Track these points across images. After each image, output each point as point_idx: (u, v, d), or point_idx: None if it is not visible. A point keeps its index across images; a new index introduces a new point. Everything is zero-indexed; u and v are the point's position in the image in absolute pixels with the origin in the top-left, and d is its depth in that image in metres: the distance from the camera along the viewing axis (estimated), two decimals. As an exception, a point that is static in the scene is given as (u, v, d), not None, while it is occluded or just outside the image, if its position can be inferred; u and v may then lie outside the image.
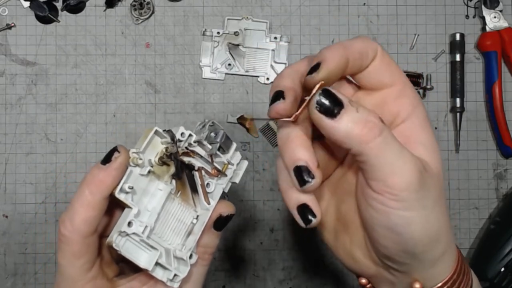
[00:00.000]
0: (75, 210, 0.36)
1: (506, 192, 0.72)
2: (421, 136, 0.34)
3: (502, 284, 0.67)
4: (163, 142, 0.39)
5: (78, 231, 0.36)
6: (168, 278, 0.39)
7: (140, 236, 0.37)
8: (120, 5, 0.72)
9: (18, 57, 0.71)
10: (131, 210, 0.37)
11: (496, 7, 0.71)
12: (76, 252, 0.36)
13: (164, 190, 0.39)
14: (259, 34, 0.71)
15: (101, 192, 0.36)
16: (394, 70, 0.35)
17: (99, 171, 0.36)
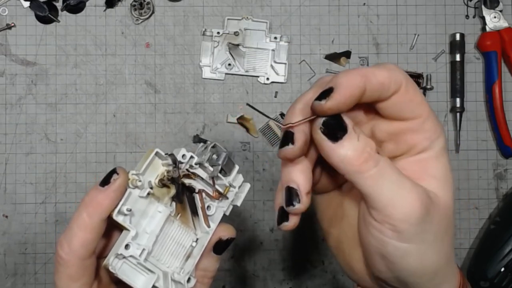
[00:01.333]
0: (73, 233, 0.36)
1: (506, 192, 0.72)
2: (434, 168, 0.34)
3: (502, 284, 0.67)
4: (164, 164, 0.39)
5: (76, 253, 0.36)
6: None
7: (137, 259, 0.37)
8: (120, 5, 0.72)
9: (18, 57, 0.71)
10: (129, 232, 0.37)
11: (496, 7, 0.71)
12: (73, 274, 0.36)
13: (163, 213, 0.39)
14: (259, 34, 0.71)
15: (99, 215, 0.36)
16: (417, 104, 0.33)
17: (98, 193, 0.36)
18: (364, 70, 0.31)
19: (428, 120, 0.33)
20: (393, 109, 0.33)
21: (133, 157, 0.71)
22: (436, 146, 0.33)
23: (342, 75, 0.31)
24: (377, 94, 0.32)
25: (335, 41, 0.72)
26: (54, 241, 0.70)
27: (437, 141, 0.33)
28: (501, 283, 0.67)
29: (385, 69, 0.32)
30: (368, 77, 0.31)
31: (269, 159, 0.71)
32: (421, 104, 0.33)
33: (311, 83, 0.72)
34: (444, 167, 0.34)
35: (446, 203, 0.33)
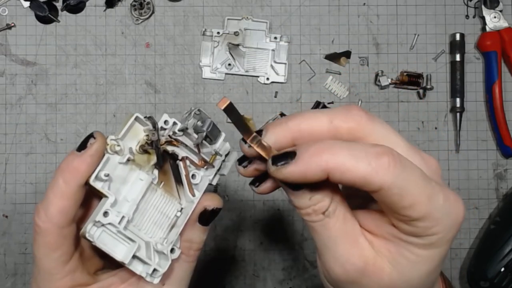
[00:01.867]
0: (49, 200, 0.35)
1: (506, 192, 0.72)
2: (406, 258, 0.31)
3: (502, 284, 0.67)
4: (145, 130, 0.37)
5: (53, 221, 0.34)
6: (147, 272, 0.36)
7: (116, 227, 0.35)
8: (120, 5, 0.72)
9: (18, 57, 0.71)
10: (108, 199, 0.35)
11: (496, 7, 0.71)
12: (52, 243, 0.35)
13: (145, 180, 0.37)
14: (259, 34, 0.71)
15: (75, 181, 0.34)
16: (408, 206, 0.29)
17: (74, 158, 0.34)
18: (330, 158, 0.28)
19: (420, 222, 0.29)
20: (380, 203, 0.31)
21: (133, 157, 0.71)
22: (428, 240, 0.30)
23: (311, 151, 0.29)
24: (347, 183, 0.29)
25: (335, 41, 0.72)
26: (54, 241, 0.70)
27: (428, 238, 0.30)
28: (501, 283, 0.67)
29: (361, 168, 0.28)
30: (332, 170, 0.28)
31: (269, 159, 0.71)
32: (409, 210, 0.29)
33: (311, 83, 0.72)
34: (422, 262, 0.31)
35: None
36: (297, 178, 0.29)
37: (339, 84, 0.72)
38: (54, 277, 0.36)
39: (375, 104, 0.72)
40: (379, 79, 0.71)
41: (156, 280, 0.37)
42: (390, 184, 0.28)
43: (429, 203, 0.29)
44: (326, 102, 0.72)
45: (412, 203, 0.28)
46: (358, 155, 0.28)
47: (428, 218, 0.29)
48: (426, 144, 0.72)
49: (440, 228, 0.29)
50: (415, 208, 0.29)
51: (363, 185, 0.28)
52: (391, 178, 0.28)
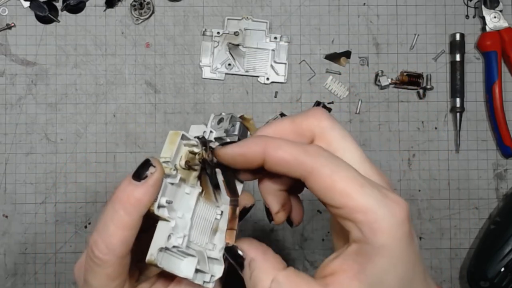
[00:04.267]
0: (110, 232, 0.33)
1: (506, 192, 0.72)
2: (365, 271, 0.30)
3: (502, 284, 0.67)
4: (187, 144, 0.37)
5: (115, 252, 0.34)
6: (204, 280, 0.37)
7: (180, 247, 0.35)
8: (120, 5, 0.72)
9: (18, 57, 0.71)
10: (169, 223, 0.35)
11: (496, 7, 0.71)
12: (112, 273, 0.34)
13: (192, 194, 0.37)
14: (259, 34, 0.71)
15: (138, 212, 0.33)
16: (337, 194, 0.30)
17: (134, 188, 0.33)
18: (270, 140, 0.32)
19: (355, 212, 0.29)
20: (312, 191, 0.31)
21: (133, 157, 0.71)
22: (371, 242, 0.29)
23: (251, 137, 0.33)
24: (281, 169, 0.32)
25: (335, 41, 0.72)
26: (54, 241, 0.70)
27: (373, 237, 0.29)
28: (501, 283, 0.67)
29: (294, 148, 0.31)
30: (268, 148, 0.31)
31: (269, 159, 0.71)
32: (342, 194, 0.29)
33: (311, 83, 0.72)
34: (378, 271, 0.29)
35: None
36: (238, 158, 0.33)
37: (339, 84, 0.72)
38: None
39: (375, 104, 0.72)
40: (379, 79, 0.71)
41: (211, 285, 0.38)
42: (320, 165, 0.30)
43: (362, 190, 0.29)
44: (326, 102, 0.72)
45: (344, 187, 0.29)
46: (294, 143, 0.32)
47: (366, 208, 0.29)
48: (426, 144, 0.72)
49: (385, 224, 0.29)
50: (348, 193, 0.29)
51: (296, 167, 0.30)
52: (323, 160, 0.30)
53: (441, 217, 0.72)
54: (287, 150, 0.31)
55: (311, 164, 0.30)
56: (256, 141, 0.32)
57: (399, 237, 0.29)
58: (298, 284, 0.30)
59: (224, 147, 0.33)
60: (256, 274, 0.31)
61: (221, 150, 0.33)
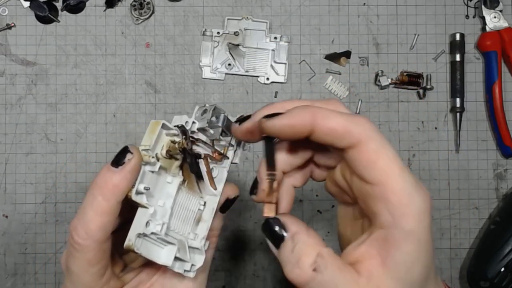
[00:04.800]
0: (89, 218, 0.34)
1: (506, 192, 0.72)
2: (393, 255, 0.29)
3: (502, 284, 0.67)
4: (169, 134, 0.38)
5: (94, 238, 0.34)
6: (185, 269, 0.38)
7: (158, 235, 0.36)
8: (120, 5, 0.72)
9: (18, 57, 0.71)
10: (147, 210, 0.36)
11: (496, 7, 0.71)
12: (92, 259, 0.35)
13: (173, 183, 0.38)
14: (259, 34, 0.71)
15: (115, 197, 0.34)
16: (377, 169, 0.30)
17: (112, 174, 0.34)
18: (318, 110, 0.31)
19: (391, 192, 0.29)
20: (352, 164, 0.31)
21: (133, 157, 0.71)
22: (401, 226, 0.29)
23: (297, 107, 0.32)
24: (328, 139, 0.31)
25: (335, 41, 0.72)
26: (54, 241, 0.70)
27: (402, 220, 0.29)
28: (501, 283, 0.67)
29: (343, 118, 0.31)
30: (317, 118, 0.31)
31: (269, 159, 0.71)
32: (382, 171, 0.30)
33: (311, 83, 0.72)
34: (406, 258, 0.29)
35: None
36: (285, 129, 0.32)
37: (339, 84, 0.72)
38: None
39: (375, 104, 0.72)
40: (379, 79, 0.71)
41: (192, 274, 0.38)
42: (368, 137, 0.30)
43: (401, 173, 0.30)
44: (326, 102, 0.72)
45: (386, 165, 0.30)
46: (341, 112, 0.31)
47: (402, 191, 0.29)
48: (426, 144, 0.72)
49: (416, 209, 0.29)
50: (388, 172, 0.29)
51: (342, 136, 0.30)
52: (370, 132, 0.30)
53: (441, 217, 0.72)
54: (336, 120, 0.31)
55: (358, 136, 0.30)
56: (304, 111, 0.31)
57: (426, 225, 0.30)
58: (338, 263, 0.30)
59: (271, 118, 0.32)
60: (300, 246, 0.31)
61: (268, 121, 0.32)
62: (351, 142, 0.30)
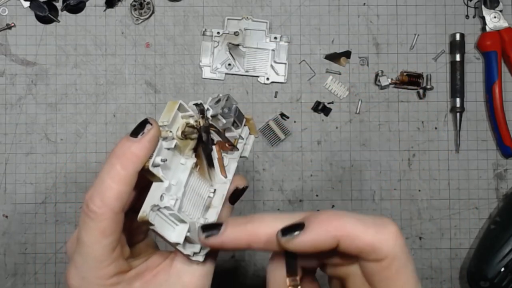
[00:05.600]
0: (106, 186, 0.34)
1: (506, 192, 0.72)
2: None
3: (502, 284, 0.67)
4: (184, 116, 0.38)
5: (110, 207, 0.34)
6: (194, 252, 0.37)
7: (171, 210, 0.35)
8: (120, 5, 0.72)
9: (18, 57, 0.71)
10: (162, 183, 0.35)
11: (496, 7, 0.71)
12: (106, 229, 0.34)
13: (187, 164, 0.38)
14: (259, 34, 0.71)
15: (133, 166, 0.34)
16: (400, 286, 0.30)
17: (131, 143, 0.34)
18: (342, 224, 0.29)
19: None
20: (369, 274, 0.31)
21: (133, 157, 0.71)
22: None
23: (320, 218, 0.30)
24: (354, 254, 0.30)
25: (335, 41, 0.72)
26: (54, 241, 0.70)
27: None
28: (501, 283, 0.67)
29: (371, 234, 0.29)
30: (343, 235, 0.29)
31: (269, 159, 0.71)
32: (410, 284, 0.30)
33: (311, 83, 0.72)
34: None
35: None
36: (308, 247, 0.30)
37: (339, 84, 0.72)
38: (102, 265, 0.35)
39: (375, 104, 0.72)
40: (379, 79, 0.71)
41: (201, 258, 0.37)
42: (394, 255, 0.29)
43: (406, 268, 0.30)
44: (326, 102, 0.72)
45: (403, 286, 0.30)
46: (366, 223, 0.29)
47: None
48: (426, 144, 0.72)
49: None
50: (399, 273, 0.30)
51: (369, 252, 0.29)
52: (397, 250, 0.29)
53: (441, 217, 0.72)
54: (364, 238, 0.29)
55: (386, 254, 0.29)
56: (327, 226, 0.29)
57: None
58: None
59: (291, 237, 0.30)
60: None
61: (288, 242, 0.30)
62: (377, 258, 0.30)
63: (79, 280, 0.35)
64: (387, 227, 0.29)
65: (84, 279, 0.35)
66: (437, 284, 0.72)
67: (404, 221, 0.72)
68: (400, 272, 0.30)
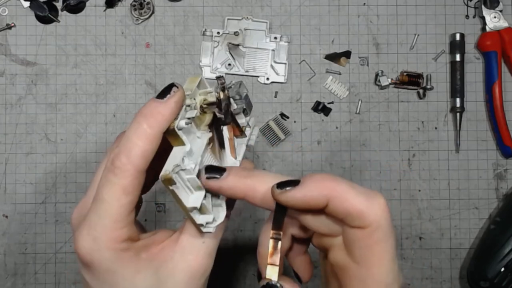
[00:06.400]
0: (132, 143, 0.34)
1: (506, 192, 0.72)
2: None
3: (502, 284, 0.67)
4: (202, 92, 0.38)
5: (135, 164, 0.34)
6: (207, 221, 0.36)
7: (191, 174, 0.35)
8: (120, 5, 0.72)
9: (18, 57, 0.71)
10: (184, 147, 0.35)
11: (496, 7, 0.71)
12: (127, 187, 0.34)
13: (203, 138, 0.38)
14: (259, 34, 0.71)
15: (160, 125, 0.34)
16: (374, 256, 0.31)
17: (158, 104, 0.35)
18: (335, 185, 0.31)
19: (372, 279, 0.31)
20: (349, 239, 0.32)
21: (133, 157, 0.71)
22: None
23: (315, 178, 0.32)
24: (340, 216, 0.32)
25: (335, 41, 0.72)
26: (54, 241, 0.70)
27: None
28: (501, 283, 0.67)
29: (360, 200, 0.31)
30: (334, 195, 0.31)
31: (269, 159, 0.71)
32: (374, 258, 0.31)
33: (311, 83, 0.72)
34: None
35: None
36: (300, 202, 0.32)
37: (339, 84, 0.72)
38: (117, 225, 0.35)
39: (375, 104, 0.72)
40: (379, 79, 0.71)
41: (212, 229, 0.37)
42: (377, 225, 0.31)
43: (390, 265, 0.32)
44: (326, 102, 0.72)
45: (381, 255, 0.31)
46: (358, 190, 0.31)
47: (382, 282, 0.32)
48: (426, 144, 0.72)
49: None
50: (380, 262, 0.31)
51: (355, 217, 0.31)
52: (382, 221, 0.31)
53: (441, 217, 0.72)
54: (353, 202, 0.31)
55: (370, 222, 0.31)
56: (320, 185, 0.31)
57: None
58: None
59: (286, 191, 0.32)
60: None
61: (282, 194, 0.32)
62: (361, 225, 0.31)
63: (90, 241, 0.35)
64: (376, 198, 0.31)
65: (95, 240, 0.34)
66: (437, 284, 0.72)
67: (404, 221, 0.72)
68: (380, 243, 0.31)
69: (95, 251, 0.34)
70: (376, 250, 0.31)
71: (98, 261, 0.35)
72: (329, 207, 0.31)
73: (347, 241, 0.33)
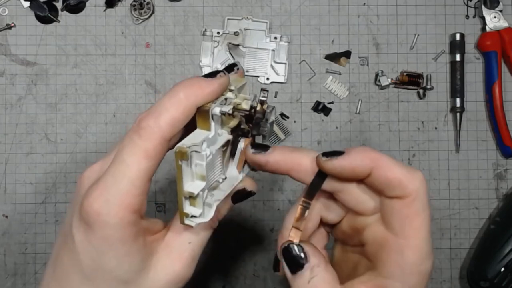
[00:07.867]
0: (163, 108, 0.32)
1: (506, 192, 0.72)
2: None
3: (502, 284, 0.67)
4: (240, 97, 0.38)
5: (161, 128, 0.32)
6: (193, 214, 0.36)
7: (202, 162, 0.34)
8: (120, 5, 0.72)
9: (18, 57, 0.71)
10: (208, 133, 0.35)
11: (496, 7, 0.71)
12: (150, 151, 0.32)
13: (222, 136, 0.37)
14: (259, 34, 0.71)
15: (196, 99, 0.33)
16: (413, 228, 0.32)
17: (202, 80, 0.34)
18: (378, 156, 0.32)
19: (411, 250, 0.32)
20: (388, 212, 0.33)
21: (133, 157, 0.70)
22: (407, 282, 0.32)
23: (359, 149, 0.33)
24: (381, 187, 0.33)
25: (335, 41, 0.72)
26: (54, 241, 0.70)
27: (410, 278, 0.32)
28: (501, 283, 0.67)
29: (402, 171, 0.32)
30: (378, 165, 0.32)
31: (269, 159, 0.71)
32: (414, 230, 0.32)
33: (311, 83, 0.72)
34: None
35: None
36: (345, 170, 0.33)
37: (339, 84, 0.72)
38: (132, 191, 0.33)
39: (375, 104, 0.72)
40: (379, 79, 0.71)
41: (194, 224, 0.36)
42: (417, 196, 0.32)
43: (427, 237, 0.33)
44: (326, 102, 0.72)
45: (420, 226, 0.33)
46: (399, 162, 0.33)
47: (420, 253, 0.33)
48: (426, 144, 0.72)
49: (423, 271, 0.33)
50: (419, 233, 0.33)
51: (395, 186, 0.32)
52: (420, 192, 0.33)
53: (441, 217, 0.72)
54: (395, 171, 0.32)
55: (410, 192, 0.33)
56: (365, 155, 0.33)
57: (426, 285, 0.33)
58: None
59: (332, 159, 0.33)
60: (317, 280, 0.32)
61: (328, 162, 0.33)
62: (401, 194, 0.32)
63: (101, 203, 0.32)
64: (416, 172, 0.33)
65: (107, 202, 0.32)
66: (437, 284, 0.72)
67: (404, 221, 0.72)
68: (418, 213, 0.32)
69: (104, 214, 0.32)
70: (414, 220, 0.32)
71: (102, 225, 0.32)
72: (372, 176, 0.32)
73: (385, 213, 0.33)
